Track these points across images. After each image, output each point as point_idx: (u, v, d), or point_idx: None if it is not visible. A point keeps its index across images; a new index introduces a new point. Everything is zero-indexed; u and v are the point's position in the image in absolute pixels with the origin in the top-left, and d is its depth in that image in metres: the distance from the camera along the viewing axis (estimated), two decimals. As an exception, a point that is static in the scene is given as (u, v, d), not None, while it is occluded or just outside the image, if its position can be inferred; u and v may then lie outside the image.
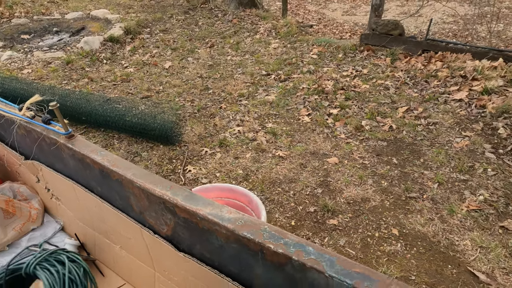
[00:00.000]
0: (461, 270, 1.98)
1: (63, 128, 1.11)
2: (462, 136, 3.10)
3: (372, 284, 0.61)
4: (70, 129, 1.13)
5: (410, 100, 3.68)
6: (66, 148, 1.11)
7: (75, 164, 1.13)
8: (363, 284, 0.61)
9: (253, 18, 6.67)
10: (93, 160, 1.01)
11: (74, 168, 1.16)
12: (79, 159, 1.08)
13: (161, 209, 0.89)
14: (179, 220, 0.85)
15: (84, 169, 1.10)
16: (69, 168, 1.20)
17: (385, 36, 4.75)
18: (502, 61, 3.99)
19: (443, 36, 8.37)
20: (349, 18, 10.18)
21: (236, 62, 4.88)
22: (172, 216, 0.87)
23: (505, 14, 9.39)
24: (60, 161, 1.21)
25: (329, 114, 3.54)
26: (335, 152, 3.01)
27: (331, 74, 4.33)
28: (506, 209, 2.36)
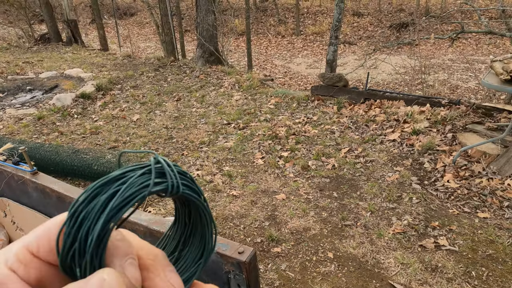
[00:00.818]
0: (383, 284, 2.28)
1: (29, 167, 1.40)
2: (393, 171, 3.56)
3: (226, 248, 0.92)
4: (35, 167, 1.43)
5: (352, 142, 4.17)
6: (30, 182, 1.39)
7: (38, 195, 1.40)
8: (222, 249, 0.92)
9: (218, 73, 7.30)
10: (52, 189, 1.30)
11: (36, 199, 1.43)
12: (41, 190, 1.36)
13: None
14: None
15: (44, 198, 1.37)
16: (32, 200, 1.46)
17: (332, 87, 5.39)
18: (429, 106, 4.64)
19: (397, 85, 9.34)
20: (313, 71, 11.16)
21: (200, 114, 5.32)
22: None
23: (448, 65, 10.64)
24: (25, 195, 1.47)
25: (281, 156, 3.95)
26: (283, 189, 3.36)
27: (285, 121, 4.83)
28: (425, 230, 2.73)
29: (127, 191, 0.28)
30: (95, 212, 0.27)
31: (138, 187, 0.29)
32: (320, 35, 14.47)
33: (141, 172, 0.29)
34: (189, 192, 0.33)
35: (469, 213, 2.91)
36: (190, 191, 0.33)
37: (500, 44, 11.81)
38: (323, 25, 14.85)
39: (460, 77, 9.42)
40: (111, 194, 0.28)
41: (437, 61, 11.01)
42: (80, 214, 0.27)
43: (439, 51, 11.76)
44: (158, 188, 0.30)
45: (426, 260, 2.44)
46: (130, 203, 0.28)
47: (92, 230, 0.26)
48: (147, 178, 0.29)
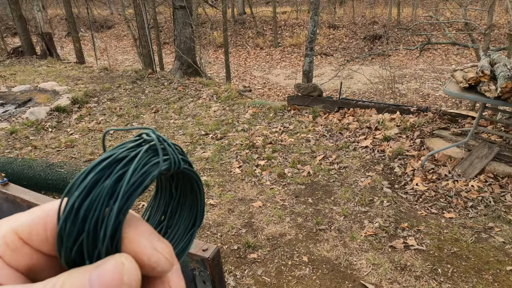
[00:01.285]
0: (355, 284, 2.36)
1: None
2: (366, 176, 3.69)
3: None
4: (5, 178, 1.44)
5: (326, 149, 4.30)
6: (1, 193, 1.40)
7: (8, 205, 1.41)
8: None
9: (197, 85, 7.36)
10: (22, 199, 1.31)
11: (6, 210, 1.44)
12: (11, 200, 1.37)
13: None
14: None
15: (15, 209, 1.38)
16: (2, 211, 1.47)
17: (307, 97, 5.55)
18: (399, 114, 4.85)
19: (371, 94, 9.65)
20: (291, 81, 11.38)
21: (178, 125, 5.35)
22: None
23: (419, 75, 11.09)
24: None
25: (258, 165, 4.02)
26: (260, 197, 3.42)
27: (262, 131, 4.92)
28: (395, 232, 2.85)
29: (137, 172, 0.25)
30: (101, 200, 0.24)
31: (145, 167, 0.26)
32: (298, 47, 14.82)
33: (144, 149, 0.27)
34: (187, 167, 0.31)
35: (436, 214, 3.06)
36: (187, 165, 0.31)
37: (467, 54, 12.44)
38: (300, 37, 15.22)
39: (431, 85, 9.84)
40: (117, 178, 0.25)
41: (410, 70, 11.47)
42: (83, 204, 0.24)
43: (411, 61, 12.26)
44: (166, 166, 0.27)
45: (396, 260, 2.55)
46: (141, 186, 0.25)
47: (103, 222, 0.24)
48: (150, 156, 0.27)
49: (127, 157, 0.26)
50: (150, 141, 0.28)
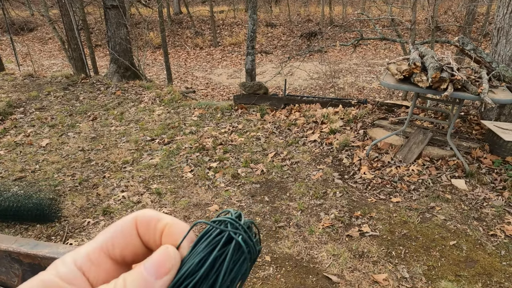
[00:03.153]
0: (319, 277, 2.40)
1: None
2: (317, 169, 3.79)
3: None
4: None
5: (277, 146, 4.34)
6: None
7: None
8: None
9: (137, 88, 6.98)
10: None
11: None
12: None
13: (8, 262, 1.02)
14: (25, 267, 1.01)
15: None
16: None
17: (253, 95, 5.55)
18: (341, 107, 5.06)
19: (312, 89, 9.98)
20: (234, 80, 11.34)
21: (120, 132, 5.02)
22: (19, 266, 1.02)
23: (354, 69, 11.73)
24: None
25: (210, 167, 3.92)
26: (215, 200, 3.34)
27: (211, 132, 4.82)
28: (350, 221, 2.96)
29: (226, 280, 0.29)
30: None
31: (233, 271, 0.29)
32: (238, 46, 14.84)
33: (230, 252, 0.29)
34: (261, 246, 0.33)
35: (385, 200, 3.24)
36: (260, 242, 0.34)
37: (393, 48, 13.47)
38: (239, 36, 15.26)
39: (365, 79, 10.47)
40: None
41: (345, 65, 12.09)
42: None
43: (345, 57, 12.95)
44: (250, 263, 0.31)
45: (354, 248, 2.64)
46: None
47: None
48: (237, 255, 0.29)
49: (215, 265, 0.29)
50: (234, 232, 0.30)
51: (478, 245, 2.62)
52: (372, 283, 2.31)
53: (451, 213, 2.98)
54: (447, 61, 3.44)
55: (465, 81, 3.23)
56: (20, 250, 1.00)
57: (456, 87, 3.27)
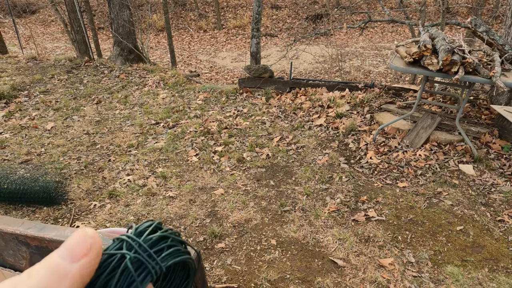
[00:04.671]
0: (325, 261, 2.40)
1: None
2: (323, 154, 3.76)
3: None
4: None
5: (282, 130, 4.30)
6: None
7: None
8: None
9: (140, 72, 6.92)
10: None
11: None
12: None
13: (16, 244, 1.02)
14: (32, 249, 1.00)
15: None
16: None
17: (259, 79, 5.48)
18: (348, 91, 4.99)
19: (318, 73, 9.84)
20: (238, 64, 11.20)
21: (125, 115, 5.00)
22: (26, 248, 1.01)
23: (360, 52, 11.52)
24: None
25: (215, 151, 3.90)
26: (221, 184, 3.33)
27: (216, 116, 4.78)
28: (356, 205, 2.95)
29: None
30: None
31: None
32: (242, 28, 14.59)
33: (117, 275, 0.30)
34: (176, 259, 0.35)
35: (391, 185, 3.21)
36: (175, 255, 0.35)
37: (400, 31, 13.17)
38: (244, 19, 14.99)
39: (371, 62, 10.29)
40: None
41: (351, 49, 11.88)
42: None
43: (351, 40, 12.70)
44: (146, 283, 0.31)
45: (360, 233, 2.63)
46: None
47: None
48: (129, 277, 0.30)
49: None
50: (126, 254, 0.31)
51: (485, 231, 2.60)
52: (378, 267, 2.31)
53: (458, 199, 2.95)
54: (458, 44, 3.34)
55: (477, 64, 3.15)
56: (27, 233, 0.99)
57: (467, 70, 3.19)
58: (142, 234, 0.34)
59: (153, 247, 0.33)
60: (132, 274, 0.30)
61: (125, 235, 0.33)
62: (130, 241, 0.32)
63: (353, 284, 2.19)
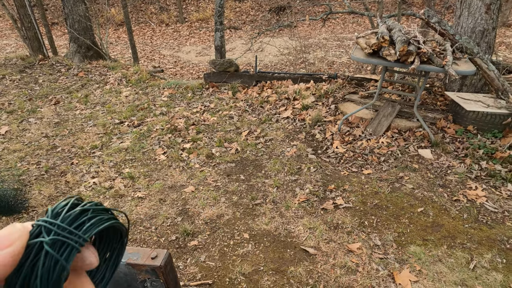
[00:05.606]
0: (296, 250, 2.47)
1: None
2: (291, 146, 3.82)
3: (138, 257, 0.87)
4: None
5: (250, 124, 4.32)
6: None
7: None
8: (132, 259, 0.87)
9: (101, 69, 6.65)
10: None
11: None
12: None
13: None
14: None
15: None
16: None
17: (224, 73, 5.44)
18: (312, 83, 5.08)
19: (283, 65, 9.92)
20: (203, 58, 11.04)
21: (86, 115, 4.80)
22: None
23: (323, 44, 11.72)
24: None
25: (183, 149, 3.86)
26: (191, 181, 3.31)
27: (183, 112, 4.71)
28: (324, 194, 3.04)
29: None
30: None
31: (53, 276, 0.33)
32: (205, 22, 14.38)
33: (41, 262, 0.32)
34: (99, 228, 0.37)
35: (357, 172, 3.34)
36: (98, 224, 0.37)
37: (361, 22, 13.54)
38: (206, 11, 14.76)
39: (334, 53, 10.51)
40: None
41: (314, 40, 12.06)
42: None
43: (315, 31, 12.90)
44: (70, 262, 0.34)
45: (329, 221, 2.73)
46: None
47: None
48: (52, 261, 0.33)
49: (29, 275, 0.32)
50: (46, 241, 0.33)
51: (443, 211, 2.78)
52: (347, 252, 2.41)
53: (419, 182, 3.13)
54: (413, 35, 3.50)
55: (431, 54, 3.31)
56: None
57: (422, 60, 3.35)
58: (60, 214, 0.35)
59: (74, 223, 0.35)
60: (54, 255, 0.32)
61: (42, 220, 0.34)
62: (47, 225, 0.34)
63: (324, 270, 2.27)
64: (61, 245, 0.33)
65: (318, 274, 2.24)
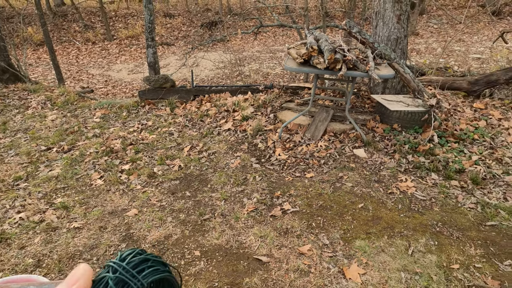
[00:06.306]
0: (250, 260, 2.46)
1: None
2: (235, 157, 3.83)
3: None
4: None
5: (192, 139, 4.25)
6: None
7: None
8: None
9: (20, 93, 6.06)
10: None
11: None
12: None
13: None
14: None
15: None
16: None
17: (160, 90, 5.31)
18: (250, 94, 5.18)
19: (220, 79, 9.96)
20: (136, 76, 10.64)
21: (6, 145, 4.31)
22: None
23: (257, 56, 12.04)
24: None
25: (122, 170, 3.65)
26: (133, 204, 3.13)
27: (118, 132, 4.47)
28: (272, 201, 3.08)
29: None
30: None
31: None
32: (136, 38, 13.95)
33: None
34: (155, 276, 0.42)
35: (300, 177, 3.45)
36: (155, 273, 0.43)
37: (290, 35, 14.24)
38: (136, 28, 14.35)
39: (268, 65, 10.86)
40: None
41: (248, 53, 12.35)
42: None
43: (247, 44, 13.23)
44: None
45: (278, 227, 2.76)
46: None
47: None
48: None
49: None
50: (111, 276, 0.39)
51: (381, 204, 2.99)
52: (299, 255, 2.46)
53: (357, 180, 3.33)
54: (339, 44, 3.77)
55: (355, 61, 3.59)
56: None
57: (349, 67, 3.62)
58: (125, 259, 0.41)
59: (135, 268, 0.41)
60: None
61: (111, 261, 0.41)
62: (114, 265, 0.40)
63: (278, 276, 2.29)
64: (123, 285, 0.39)
65: (273, 282, 2.25)
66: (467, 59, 9.32)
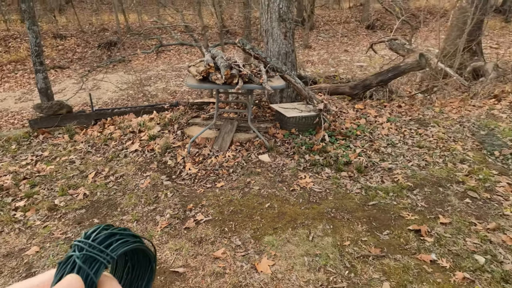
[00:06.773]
0: (166, 274, 2.50)
1: None
2: (144, 177, 3.81)
3: None
4: None
5: (96, 165, 4.07)
6: None
7: None
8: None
9: None
10: None
11: None
12: None
13: None
14: None
15: None
16: None
17: (55, 117, 4.95)
18: (155, 113, 5.18)
19: (125, 100, 9.56)
20: (26, 104, 9.57)
21: None
22: None
23: (162, 75, 11.91)
24: None
25: (16, 208, 3.32)
26: (33, 241, 2.89)
27: (7, 168, 4.04)
28: (185, 215, 3.16)
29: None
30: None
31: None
32: (21, 63, 12.56)
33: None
34: (125, 248, 0.42)
35: (211, 187, 3.60)
36: (125, 245, 0.42)
37: (194, 52, 14.46)
38: (20, 52, 12.94)
39: (175, 83, 10.87)
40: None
41: (153, 72, 12.16)
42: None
43: (151, 64, 13.02)
44: (99, 274, 0.39)
45: (193, 237, 2.86)
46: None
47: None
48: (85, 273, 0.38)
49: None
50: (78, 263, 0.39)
51: (285, 201, 3.32)
52: (214, 260, 2.59)
53: (263, 182, 3.62)
54: (234, 60, 4.08)
55: (250, 75, 3.93)
56: None
57: (245, 80, 3.93)
58: (91, 236, 0.41)
59: (103, 244, 0.40)
60: (85, 269, 0.38)
61: (76, 240, 0.41)
62: (80, 244, 0.40)
63: (196, 283, 2.38)
64: (91, 261, 0.38)
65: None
66: (352, 67, 10.73)
